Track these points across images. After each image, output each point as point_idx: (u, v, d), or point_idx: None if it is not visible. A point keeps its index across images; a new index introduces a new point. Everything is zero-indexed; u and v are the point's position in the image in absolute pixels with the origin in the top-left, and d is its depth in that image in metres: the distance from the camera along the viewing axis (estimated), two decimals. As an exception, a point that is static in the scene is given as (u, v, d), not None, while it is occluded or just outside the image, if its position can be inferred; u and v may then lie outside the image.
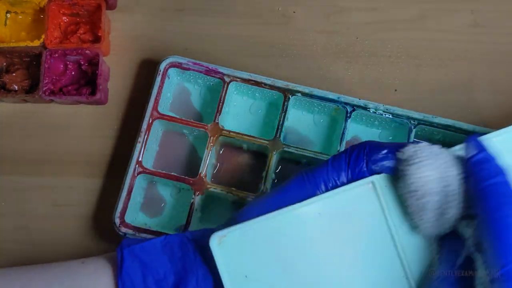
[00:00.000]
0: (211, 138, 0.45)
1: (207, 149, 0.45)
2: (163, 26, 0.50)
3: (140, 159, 0.45)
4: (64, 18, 0.50)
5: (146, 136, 0.45)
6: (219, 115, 0.46)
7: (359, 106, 0.45)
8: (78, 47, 0.47)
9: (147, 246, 0.36)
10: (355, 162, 0.35)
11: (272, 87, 0.46)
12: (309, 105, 0.47)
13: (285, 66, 0.49)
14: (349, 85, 0.48)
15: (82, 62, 0.48)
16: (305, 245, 0.35)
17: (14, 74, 0.49)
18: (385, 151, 0.34)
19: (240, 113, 0.48)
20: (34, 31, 0.50)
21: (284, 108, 0.45)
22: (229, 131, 0.46)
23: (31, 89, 0.48)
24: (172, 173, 0.45)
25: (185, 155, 0.48)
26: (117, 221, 0.44)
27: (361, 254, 0.35)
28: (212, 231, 0.35)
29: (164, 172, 0.45)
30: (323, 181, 0.35)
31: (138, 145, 0.45)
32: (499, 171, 0.32)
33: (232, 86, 0.46)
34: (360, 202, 0.35)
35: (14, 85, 0.49)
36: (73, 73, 0.49)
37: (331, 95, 0.45)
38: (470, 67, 0.49)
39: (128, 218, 0.44)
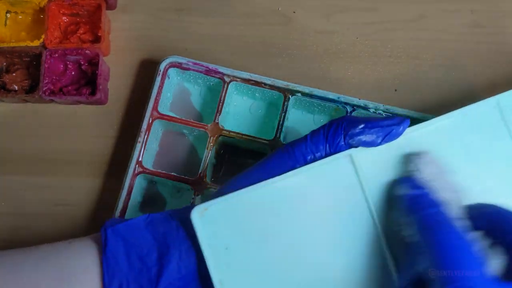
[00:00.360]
0: (211, 138, 0.45)
1: (207, 149, 0.45)
2: (163, 26, 0.50)
3: (140, 159, 0.45)
4: (64, 18, 0.49)
5: (146, 136, 0.45)
6: (219, 115, 0.46)
7: (359, 106, 0.45)
8: (78, 47, 0.47)
9: (130, 224, 0.37)
10: (333, 136, 0.36)
11: (272, 87, 0.46)
12: (309, 105, 0.47)
13: (285, 66, 0.49)
14: (349, 85, 0.48)
15: (82, 62, 0.48)
16: (284, 218, 0.35)
17: (14, 74, 0.49)
18: (362, 125, 0.36)
19: (240, 113, 0.48)
20: (34, 31, 0.50)
21: (284, 108, 0.45)
22: (229, 131, 0.45)
23: (31, 89, 0.48)
24: (172, 173, 0.45)
25: (185, 155, 0.48)
26: (117, 221, 0.44)
27: (340, 226, 0.36)
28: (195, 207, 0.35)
29: (164, 172, 0.45)
30: (302, 155, 0.36)
31: (138, 145, 0.45)
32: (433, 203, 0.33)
33: (232, 86, 0.46)
34: (338, 174, 0.36)
35: (14, 85, 0.48)
36: (73, 73, 0.49)
37: (331, 95, 0.45)
38: (470, 67, 0.49)
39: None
